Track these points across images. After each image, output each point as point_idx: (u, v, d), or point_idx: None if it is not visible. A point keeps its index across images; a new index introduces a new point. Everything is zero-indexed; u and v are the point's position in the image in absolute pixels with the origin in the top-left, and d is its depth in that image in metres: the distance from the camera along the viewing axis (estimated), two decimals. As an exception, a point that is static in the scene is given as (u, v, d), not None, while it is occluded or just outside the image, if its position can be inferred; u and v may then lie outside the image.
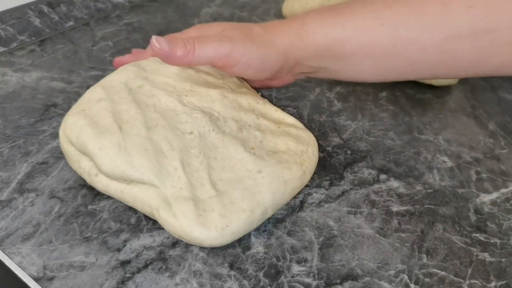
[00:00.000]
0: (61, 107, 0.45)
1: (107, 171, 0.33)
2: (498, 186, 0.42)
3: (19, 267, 0.32)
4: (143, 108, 0.36)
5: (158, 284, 0.32)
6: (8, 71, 0.49)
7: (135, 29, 0.59)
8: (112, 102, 0.36)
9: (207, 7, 0.66)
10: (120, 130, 0.34)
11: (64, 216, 0.35)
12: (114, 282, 0.31)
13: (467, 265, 0.35)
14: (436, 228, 0.38)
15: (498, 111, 0.52)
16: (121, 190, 0.34)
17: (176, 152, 0.34)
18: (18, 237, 0.33)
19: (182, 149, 0.35)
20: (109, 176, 0.34)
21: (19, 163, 0.39)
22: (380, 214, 0.38)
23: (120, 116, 0.35)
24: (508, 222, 0.39)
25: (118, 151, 0.33)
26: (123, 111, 0.36)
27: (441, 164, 0.44)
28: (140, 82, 0.38)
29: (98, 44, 0.55)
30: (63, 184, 0.38)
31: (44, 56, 0.52)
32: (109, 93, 0.37)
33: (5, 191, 0.37)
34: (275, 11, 0.68)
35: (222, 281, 0.32)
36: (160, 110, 0.36)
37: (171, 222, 0.32)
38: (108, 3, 0.62)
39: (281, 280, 0.33)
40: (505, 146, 0.47)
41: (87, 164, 0.35)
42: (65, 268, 0.32)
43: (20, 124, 0.43)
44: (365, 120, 0.49)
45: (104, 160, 0.33)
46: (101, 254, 0.33)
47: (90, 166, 0.35)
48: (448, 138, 0.47)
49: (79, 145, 0.34)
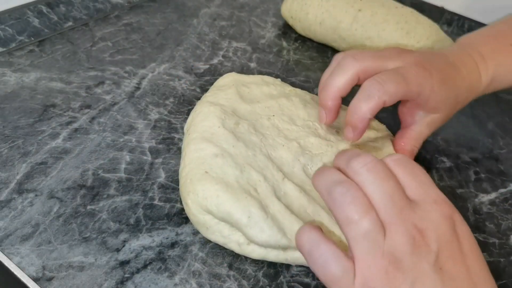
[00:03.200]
0: (60, 108, 0.45)
1: (260, 242, 0.31)
2: (497, 186, 0.42)
3: (18, 267, 0.32)
4: (254, 148, 0.36)
5: (157, 284, 0.32)
6: (7, 71, 0.49)
7: (134, 29, 0.59)
8: (227, 152, 0.35)
9: (206, 7, 0.66)
10: (256, 191, 0.33)
11: (63, 216, 0.35)
12: (113, 282, 0.31)
13: (466, 265, 0.35)
14: (435, 228, 0.38)
15: (497, 111, 0.52)
16: (285, 258, 0.32)
17: (317, 204, 0.33)
18: (17, 238, 0.33)
19: (316, 197, 0.34)
20: (263, 245, 0.32)
21: (18, 164, 0.39)
22: (379, 214, 0.38)
23: (247, 171, 0.34)
24: (507, 222, 0.39)
25: (266, 217, 0.31)
26: (242, 158, 0.34)
27: (440, 164, 0.44)
28: (233, 119, 0.38)
29: (97, 44, 0.55)
30: (62, 185, 0.38)
31: (43, 57, 0.52)
32: (218, 144, 0.35)
33: (4, 191, 0.37)
34: (274, 11, 0.68)
35: (222, 281, 0.32)
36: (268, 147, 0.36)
37: None
38: (107, 4, 0.62)
39: (280, 280, 0.33)
40: (504, 146, 0.47)
41: (232, 232, 0.33)
42: (64, 269, 0.32)
43: (19, 125, 0.43)
44: (364, 120, 0.48)
45: (254, 231, 0.31)
46: (100, 255, 0.33)
47: (238, 235, 0.33)
48: (447, 138, 0.47)
49: (222, 214, 0.32)
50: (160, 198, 0.37)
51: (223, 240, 0.33)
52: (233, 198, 0.32)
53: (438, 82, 0.35)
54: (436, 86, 0.35)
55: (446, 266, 0.24)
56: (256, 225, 0.31)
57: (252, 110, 0.39)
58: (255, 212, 0.31)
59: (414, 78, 0.34)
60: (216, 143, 0.35)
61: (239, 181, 0.33)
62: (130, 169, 0.40)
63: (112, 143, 0.42)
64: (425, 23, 0.56)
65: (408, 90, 0.33)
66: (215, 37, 0.60)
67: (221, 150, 0.35)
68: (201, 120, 0.38)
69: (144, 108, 0.47)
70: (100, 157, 0.41)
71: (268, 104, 0.40)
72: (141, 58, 0.54)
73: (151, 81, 0.51)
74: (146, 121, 0.45)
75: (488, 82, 0.39)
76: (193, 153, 0.35)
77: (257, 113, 0.39)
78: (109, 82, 0.50)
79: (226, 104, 0.39)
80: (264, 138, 0.37)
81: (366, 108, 0.33)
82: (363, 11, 0.56)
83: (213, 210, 0.32)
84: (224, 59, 0.56)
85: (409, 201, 0.26)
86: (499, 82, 0.40)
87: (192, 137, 0.37)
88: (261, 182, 0.33)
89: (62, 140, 0.42)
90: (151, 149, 0.42)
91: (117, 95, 0.48)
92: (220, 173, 0.33)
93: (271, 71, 0.55)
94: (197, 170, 0.34)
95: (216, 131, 0.36)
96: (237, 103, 0.40)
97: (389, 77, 0.33)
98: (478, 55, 0.39)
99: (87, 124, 0.44)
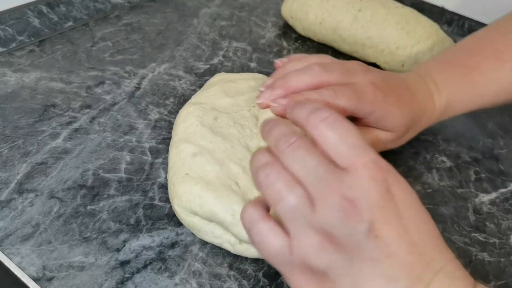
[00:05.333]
0: (60, 108, 0.45)
1: (248, 240, 0.31)
2: (497, 186, 0.42)
3: (19, 267, 0.32)
4: (232, 140, 0.35)
5: (158, 284, 0.32)
6: (7, 71, 0.49)
7: (134, 29, 0.59)
8: (206, 149, 0.34)
9: (206, 7, 0.66)
10: (237, 184, 0.33)
11: (63, 216, 0.35)
12: (114, 282, 0.31)
13: (466, 265, 0.35)
14: (435, 228, 0.38)
15: (497, 111, 0.52)
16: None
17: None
18: (18, 238, 0.33)
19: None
20: (249, 242, 0.31)
21: (18, 164, 0.39)
22: (379, 214, 0.38)
23: (226, 164, 0.33)
24: (507, 222, 0.39)
25: None
26: (220, 152, 0.34)
27: (440, 164, 0.44)
28: (212, 114, 0.37)
29: (97, 44, 0.55)
30: (62, 185, 0.38)
31: (43, 57, 0.52)
32: (196, 143, 0.35)
33: (4, 191, 0.37)
34: (274, 12, 0.68)
35: (222, 281, 0.32)
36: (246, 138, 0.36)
37: None
38: (107, 4, 0.62)
39: (280, 280, 0.33)
40: (504, 146, 0.47)
41: (224, 232, 0.33)
42: (65, 269, 0.32)
43: (19, 125, 0.43)
44: (364, 120, 0.49)
45: (240, 229, 0.31)
46: (100, 255, 0.33)
47: (229, 235, 0.33)
48: (447, 138, 0.47)
49: (206, 214, 0.32)
50: (160, 198, 0.38)
51: (217, 240, 0.33)
52: (215, 197, 0.32)
53: (393, 104, 0.36)
54: (389, 108, 0.35)
55: (382, 233, 0.24)
56: (241, 223, 0.31)
57: (234, 103, 0.39)
58: (238, 210, 0.31)
59: (369, 97, 0.34)
60: (194, 142, 0.35)
61: (219, 177, 0.33)
62: (130, 169, 0.40)
63: (112, 143, 0.42)
64: (425, 23, 0.56)
65: (359, 107, 0.34)
66: (215, 37, 0.60)
67: (199, 148, 0.35)
68: (181, 122, 0.38)
69: (144, 108, 0.47)
70: (100, 157, 0.41)
71: (252, 95, 0.40)
72: (141, 58, 0.54)
73: (151, 81, 0.51)
74: (146, 121, 0.45)
75: (442, 110, 0.40)
76: (174, 156, 0.35)
77: (238, 105, 0.39)
78: (109, 82, 0.50)
79: (207, 102, 0.39)
80: (242, 129, 0.37)
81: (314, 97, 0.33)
82: (363, 11, 0.56)
83: (198, 211, 0.32)
84: (224, 59, 0.56)
85: (338, 170, 0.25)
86: (453, 110, 0.41)
87: (173, 141, 0.37)
88: (241, 174, 0.33)
89: (62, 140, 0.42)
90: (151, 149, 0.42)
91: (117, 95, 0.48)
92: (200, 172, 0.33)
93: (271, 71, 0.55)
94: (179, 174, 0.34)
95: (194, 130, 0.36)
96: (219, 98, 0.39)
97: (344, 91, 0.33)
98: (433, 83, 0.40)
99: (87, 124, 0.44)
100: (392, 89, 0.36)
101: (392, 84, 0.37)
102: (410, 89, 0.38)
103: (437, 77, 0.40)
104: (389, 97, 0.35)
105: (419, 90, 0.39)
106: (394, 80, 0.37)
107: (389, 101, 0.35)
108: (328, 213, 0.24)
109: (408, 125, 0.38)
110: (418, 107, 0.38)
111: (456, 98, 0.40)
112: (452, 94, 0.40)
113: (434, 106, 0.40)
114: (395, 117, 0.36)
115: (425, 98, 0.39)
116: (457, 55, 0.42)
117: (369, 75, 0.36)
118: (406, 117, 0.37)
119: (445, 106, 0.40)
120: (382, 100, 0.35)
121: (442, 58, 0.43)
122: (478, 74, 0.40)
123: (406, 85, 0.38)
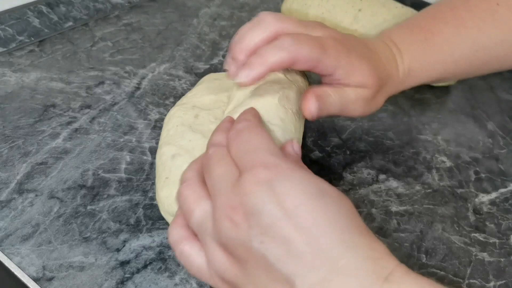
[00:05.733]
0: (60, 108, 0.45)
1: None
2: (497, 186, 0.42)
3: (19, 267, 0.32)
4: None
5: (158, 285, 0.32)
6: (7, 71, 0.49)
7: (134, 29, 0.59)
8: (184, 149, 0.34)
9: (206, 7, 0.66)
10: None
11: (63, 216, 0.35)
12: (114, 282, 0.31)
13: (466, 265, 0.35)
14: (435, 228, 0.38)
15: (497, 111, 0.52)
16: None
17: None
18: (17, 238, 0.33)
19: None
20: None
21: (18, 164, 0.39)
22: (379, 214, 0.38)
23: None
24: (507, 222, 0.39)
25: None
26: (199, 149, 0.33)
27: (440, 164, 0.44)
28: (193, 112, 0.37)
29: (97, 44, 0.55)
30: (62, 185, 0.38)
31: (43, 57, 0.52)
32: (175, 144, 0.35)
33: (4, 191, 0.37)
34: (274, 11, 0.68)
35: (222, 281, 0.32)
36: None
37: None
38: (107, 4, 0.62)
39: (280, 280, 0.33)
40: (504, 146, 0.47)
41: None
42: (65, 269, 0.32)
43: (19, 125, 0.43)
44: (364, 120, 0.49)
45: None
46: (100, 255, 0.33)
47: None
48: (447, 138, 0.47)
49: None
50: (160, 198, 0.37)
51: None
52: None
53: (358, 58, 0.34)
54: (355, 61, 0.33)
55: (272, 234, 0.23)
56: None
57: (216, 99, 0.38)
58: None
59: (332, 51, 0.32)
60: (173, 143, 0.35)
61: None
62: (130, 169, 0.40)
63: (112, 143, 0.42)
64: (425, 23, 0.56)
65: (323, 60, 0.32)
66: (215, 37, 0.60)
67: (178, 148, 0.34)
68: (164, 126, 0.37)
69: (144, 108, 0.47)
70: (100, 157, 0.41)
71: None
72: (141, 58, 0.54)
73: (151, 81, 0.51)
74: (146, 121, 0.45)
75: (406, 75, 0.39)
76: (158, 161, 0.35)
77: (221, 101, 0.38)
78: (109, 82, 0.50)
79: (188, 101, 0.38)
80: None
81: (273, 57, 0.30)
82: (363, 11, 0.56)
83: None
84: (224, 59, 0.56)
85: (234, 179, 0.25)
86: (415, 76, 0.39)
87: (159, 146, 0.37)
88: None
89: (62, 140, 0.42)
90: (151, 149, 0.42)
91: (117, 95, 0.48)
92: (180, 174, 0.32)
93: (271, 71, 0.55)
94: (160, 179, 0.34)
95: (175, 131, 0.36)
96: (201, 96, 0.39)
97: (308, 40, 0.31)
98: (395, 47, 0.39)
99: (87, 124, 0.44)
100: (354, 47, 0.34)
101: (354, 43, 0.35)
102: (373, 50, 0.37)
103: (398, 41, 0.39)
104: (353, 52, 0.34)
105: (382, 53, 0.37)
106: (356, 40, 0.36)
107: (353, 55, 0.33)
108: (220, 225, 0.24)
109: (379, 81, 0.35)
110: (383, 67, 0.36)
111: (418, 62, 0.39)
112: (414, 58, 0.39)
113: (398, 69, 0.38)
114: (363, 69, 0.34)
115: (388, 60, 0.37)
116: (418, 20, 0.41)
117: (329, 31, 0.34)
118: (375, 71, 0.35)
119: (408, 70, 0.39)
120: (346, 55, 0.33)
121: (403, 24, 0.41)
122: (439, 39, 0.39)
123: (368, 47, 0.37)
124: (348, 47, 0.34)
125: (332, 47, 0.32)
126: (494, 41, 0.40)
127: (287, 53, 0.30)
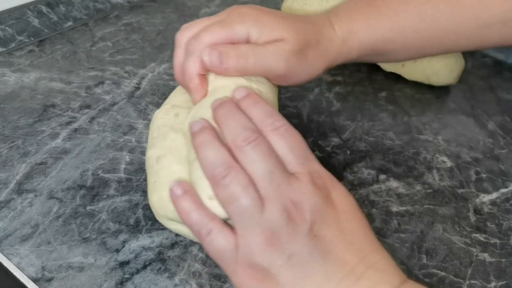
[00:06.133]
0: (60, 108, 0.45)
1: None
2: (498, 186, 0.42)
3: (18, 268, 0.31)
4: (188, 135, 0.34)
5: (157, 285, 0.31)
6: (7, 71, 0.49)
7: (134, 29, 0.59)
8: (168, 149, 0.33)
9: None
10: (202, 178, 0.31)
11: (62, 216, 0.35)
12: (113, 283, 0.31)
13: (467, 266, 0.35)
14: (435, 228, 0.38)
15: (498, 111, 0.52)
16: None
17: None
18: (17, 238, 0.33)
19: None
20: None
21: (17, 164, 0.39)
22: (380, 214, 0.38)
23: (189, 163, 0.32)
24: (508, 222, 0.39)
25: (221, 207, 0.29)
26: (182, 148, 0.33)
27: (440, 164, 0.44)
28: (173, 111, 0.36)
29: (97, 44, 0.55)
30: (61, 185, 0.38)
31: (43, 57, 0.52)
32: (158, 145, 0.34)
33: (4, 191, 0.37)
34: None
35: (222, 282, 0.32)
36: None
37: None
38: (107, 4, 0.61)
39: (280, 281, 0.33)
40: (505, 146, 0.47)
41: None
42: (64, 269, 0.32)
43: (19, 125, 0.43)
44: (365, 120, 0.48)
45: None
46: (100, 255, 0.33)
47: None
48: (447, 138, 0.47)
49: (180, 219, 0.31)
50: (160, 198, 0.37)
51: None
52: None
53: (269, 17, 0.35)
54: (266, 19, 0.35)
55: (321, 232, 0.26)
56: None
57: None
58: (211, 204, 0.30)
59: (237, 19, 0.34)
60: (157, 145, 0.34)
61: (187, 174, 0.31)
62: (130, 169, 0.40)
63: (112, 143, 0.42)
64: (426, 23, 0.56)
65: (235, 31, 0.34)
66: (215, 37, 0.60)
67: (162, 149, 0.34)
68: (150, 130, 0.37)
69: (144, 108, 0.46)
70: (100, 157, 0.40)
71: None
72: (141, 58, 0.54)
73: (151, 81, 0.50)
74: (146, 121, 0.45)
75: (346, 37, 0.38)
76: (146, 166, 0.35)
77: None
78: (109, 82, 0.49)
79: (169, 101, 0.38)
80: None
81: (193, 66, 0.33)
82: (363, 10, 0.56)
83: (174, 217, 0.31)
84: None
85: (288, 175, 0.28)
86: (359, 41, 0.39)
87: (146, 151, 0.36)
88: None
89: (61, 140, 0.42)
90: (151, 149, 0.42)
91: (117, 95, 0.48)
92: (167, 175, 0.32)
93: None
94: (150, 183, 0.33)
95: (157, 133, 0.35)
96: (181, 95, 0.38)
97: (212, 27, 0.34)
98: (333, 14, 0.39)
99: (87, 124, 0.44)
100: (268, 11, 0.36)
101: (270, 10, 0.36)
102: (298, 16, 0.38)
103: (338, 9, 0.39)
104: (263, 14, 0.35)
105: (314, 18, 0.38)
106: (275, 10, 0.37)
107: (264, 16, 0.35)
108: (275, 214, 0.26)
109: (299, 35, 0.35)
110: (310, 26, 0.37)
111: (360, 23, 0.38)
112: (354, 19, 0.39)
113: (335, 30, 0.38)
114: (275, 23, 0.35)
115: (321, 21, 0.38)
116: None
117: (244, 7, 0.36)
118: (293, 26, 0.35)
119: (349, 32, 0.38)
120: (255, 17, 0.34)
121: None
122: (382, 4, 0.39)
123: (292, 15, 0.38)
124: (258, 10, 0.36)
125: (237, 16, 0.35)
126: (442, 13, 0.39)
127: (197, 55, 0.33)
